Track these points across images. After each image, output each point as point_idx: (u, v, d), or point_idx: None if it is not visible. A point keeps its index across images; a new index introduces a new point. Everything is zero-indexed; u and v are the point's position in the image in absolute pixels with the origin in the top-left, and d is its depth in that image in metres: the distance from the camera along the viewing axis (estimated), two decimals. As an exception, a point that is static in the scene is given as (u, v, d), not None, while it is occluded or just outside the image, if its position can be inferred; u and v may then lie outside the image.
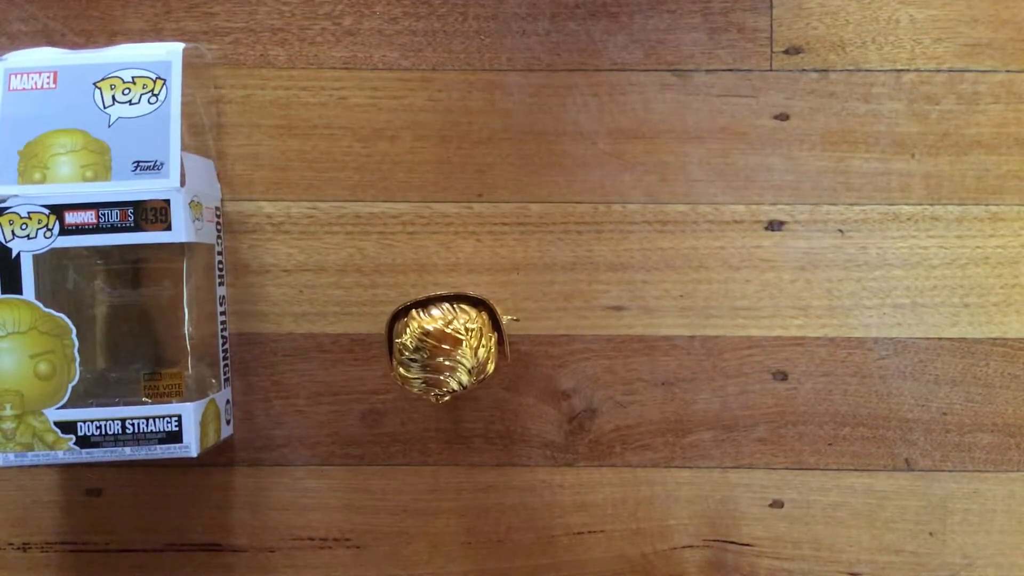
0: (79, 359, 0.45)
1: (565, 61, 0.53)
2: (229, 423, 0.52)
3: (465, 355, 0.47)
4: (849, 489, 0.53)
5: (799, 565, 0.53)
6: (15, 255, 0.45)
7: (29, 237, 0.45)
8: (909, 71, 0.53)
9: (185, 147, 0.48)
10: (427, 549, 0.53)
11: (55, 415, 0.45)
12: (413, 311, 0.48)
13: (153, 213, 0.45)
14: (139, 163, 0.46)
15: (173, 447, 0.46)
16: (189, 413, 0.46)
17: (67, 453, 0.45)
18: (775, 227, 0.53)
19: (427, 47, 0.53)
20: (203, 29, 0.53)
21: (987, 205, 0.53)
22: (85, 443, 0.45)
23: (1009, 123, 0.53)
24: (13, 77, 0.47)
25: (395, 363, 0.48)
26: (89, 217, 0.45)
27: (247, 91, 0.53)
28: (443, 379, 0.47)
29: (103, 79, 0.47)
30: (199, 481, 0.53)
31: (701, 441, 0.53)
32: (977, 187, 0.53)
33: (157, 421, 0.46)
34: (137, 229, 0.45)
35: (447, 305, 0.48)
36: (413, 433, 0.53)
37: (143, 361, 0.48)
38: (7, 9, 0.53)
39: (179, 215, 0.45)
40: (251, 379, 0.53)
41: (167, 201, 0.45)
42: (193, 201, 0.47)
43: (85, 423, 0.45)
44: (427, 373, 0.47)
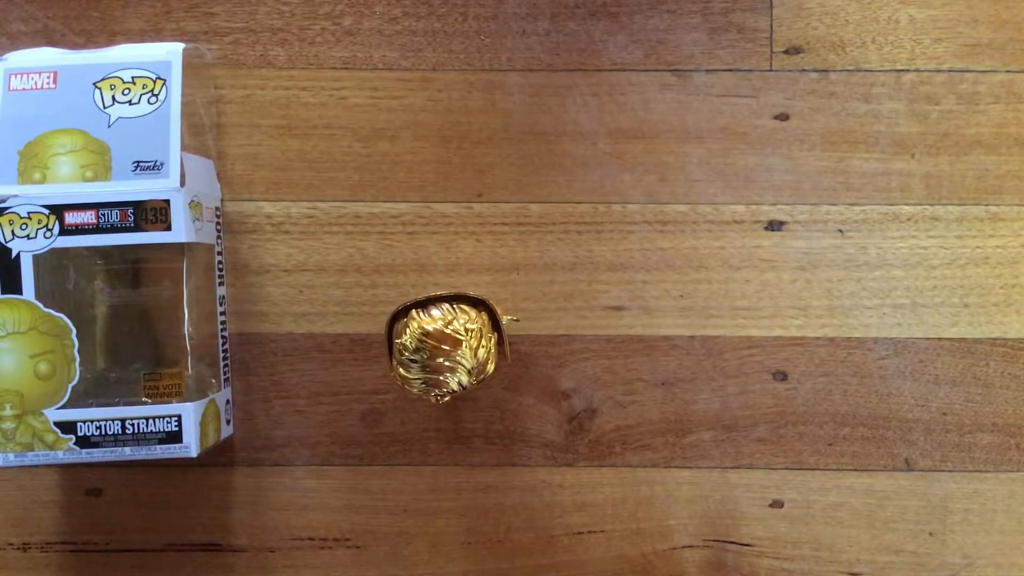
0: (79, 359, 0.45)
1: (565, 61, 0.53)
2: (229, 423, 0.52)
3: (465, 355, 0.47)
4: (849, 489, 0.53)
5: (799, 565, 0.53)
6: (15, 255, 0.45)
7: (29, 237, 0.45)
8: (909, 71, 0.53)
9: (185, 147, 0.48)
10: (427, 549, 0.53)
11: (55, 415, 0.45)
12: (413, 311, 0.48)
13: (153, 213, 0.45)
14: (139, 163, 0.46)
15: (173, 447, 0.46)
16: (189, 413, 0.46)
17: (67, 453, 0.45)
18: (775, 227, 0.53)
19: (427, 47, 0.53)
20: (203, 29, 0.53)
21: (987, 205, 0.53)
22: (85, 443, 0.45)
23: (1009, 123, 0.53)
24: (13, 77, 0.47)
25: (395, 363, 0.48)
26: (89, 217, 0.45)
27: (247, 91, 0.53)
28: (443, 379, 0.47)
29: (103, 79, 0.47)
30: (199, 481, 0.53)
31: (701, 441, 0.53)
32: (977, 187, 0.53)
33: (157, 421, 0.46)
34: (137, 229, 0.45)
35: (447, 305, 0.48)
36: (413, 433, 0.53)
37: (143, 361, 0.48)
38: (7, 9, 0.53)
39: (179, 215, 0.45)
40: (251, 379, 0.53)
41: (167, 201, 0.45)
42: (193, 201, 0.47)
43: (85, 423, 0.45)
44: (427, 373, 0.47)
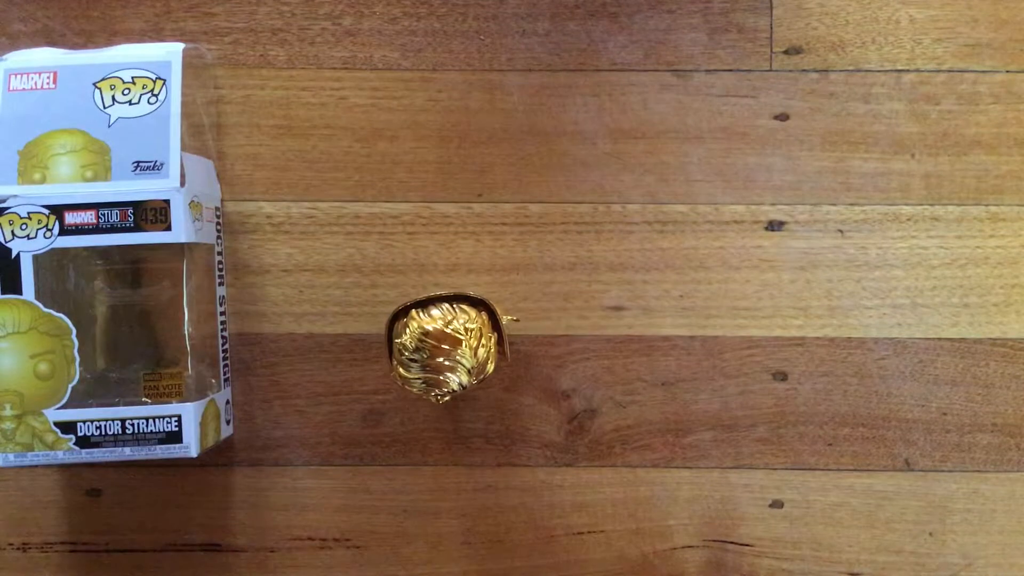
0: (79, 359, 0.45)
1: (565, 61, 0.53)
2: (229, 423, 0.52)
3: (465, 355, 0.47)
4: (849, 489, 0.53)
5: (799, 565, 0.53)
6: (15, 255, 0.45)
7: (29, 237, 0.45)
8: (909, 71, 0.53)
9: (185, 147, 0.48)
10: (427, 549, 0.53)
11: (55, 415, 0.45)
12: (413, 311, 0.48)
13: (153, 213, 0.45)
14: (139, 163, 0.46)
15: (173, 447, 0.46)
16: (189, 413, 0.46)
17: (67, 453, 0.45)
18: (775, 227, 0.53)
19: (427, 47, 0.53)
20: (203, 29, 0.53)
21: (987, 205, 0.53)
22: (85, 443, 0.45)
23: (1009, 123, 0.53)
24: (13, 77, 0.47)
25: (395, 363, 0.48)
26: (89, 217, 0.45)
27: (247, 91, 0.53)
28: (443, 379, 0.47)
29: (103, 79, 0.47)
30: (199, 481, 0.53)
31: (701, 441, 0.53)
32: (977, 187, 0.53)
33: (157, 421, 0.46)
34: (137, 229, 0.45)
35: (447, 305, 0.48)
36: (413, 433, 0.53)
37: (143, 361, 0.48)
38: (7, 9, 0.53)
39: (179, 215, 0.45)
40: (251, 379, 0.53)
41: (167, 201, 0.45)
42: (193, 201, 0.47)
43: (85, 423, 0.45)
44: (427, 373, 0.47)
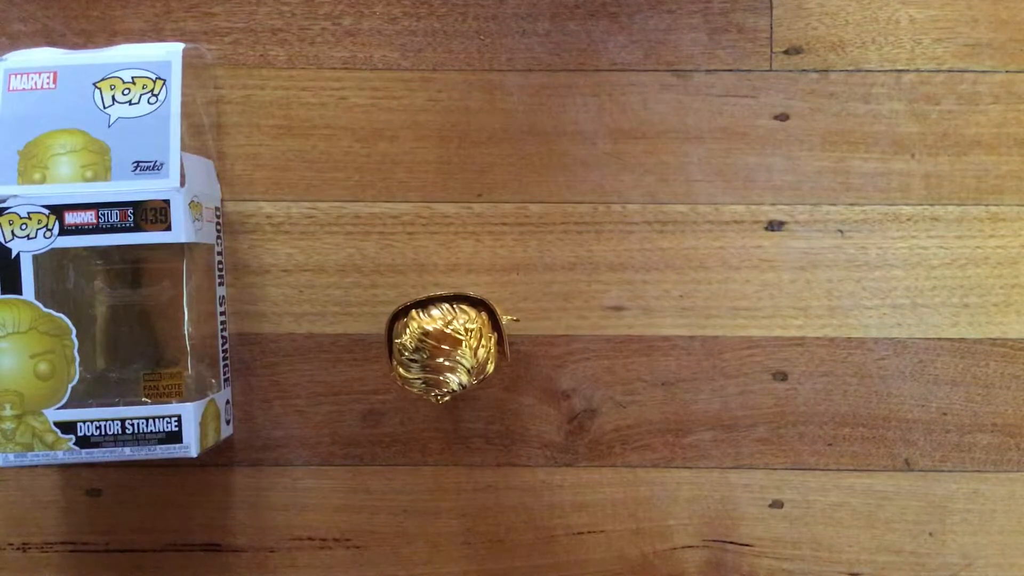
0: (79, 359, 0.45)
1: (565, 61, 0.53)
2: (229, 423, 0.52)
3: (465, 355, 0.47)
4: (849, 489, 0.53)
5: (799, 565, 0.53)
6: (15, 255, 0.45)
7: (29, 237, 0.45)
8: (909, 71, 0.53)
9: (185, 147, 0.48)
10: (427, 549, 0.53)
11: (55, 415, 0.45)
12: (413, 311, 0.48)
13: (153, 213, 0.45)
14: (139, 163, 0.46)
15: (173, 447, 0.46)
16: (189, 413, 0.46)
17: (67, 453, 0.45)
18: (775, 227, 0.53)
19: (427, 47, 0.53)
20: (203, 29, 0.53)
21: (987, 205, 0.53)
22: (85, 443, 0.45)
23: (1009, 123, 0.53)
24: (13, 77, 0.47)
25: (395, 363, 0.48)
26: (89, 217, 0.45)
27: (247, 91, 0.53)
28: (443, 379, 0.47)
29: (103, 79, 0.47)
30: (199, 481, 0.53)
31: (701, 441, 0.53)
32: (977, 187, 0.53)
33: (157, 421, 0.46)
34: (137, 229, 0.45)
35: (447, 305, 0.48)
36: (413, 433, 0.53)
37: (143, 361, 0.48)
38: (7, 9, 0.53)
39: (179, 215, 0.45)
40: (251, 379, 0.53)
41: (167, 201, 0.45)
42: (193, 201, 0.47)
43: (85, 423, 0.45)
44: (427, 373, 0.47)
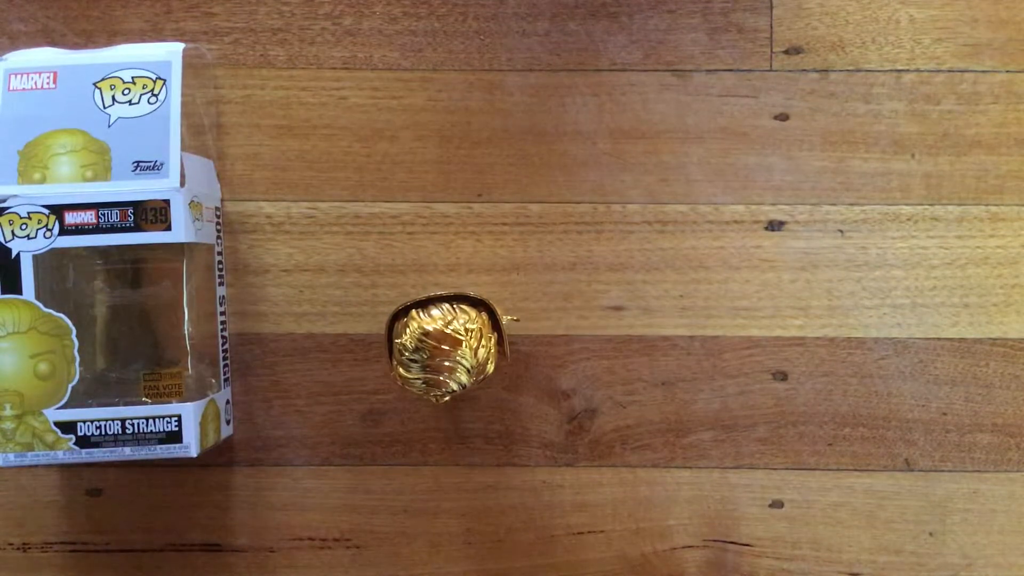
0: (79, 359, 0.45)
1: (565, 61, 0.53)
2: (229, 423, 0.52)
3: (465, 355, 0.47)
4: (849, 489, 0.53)
5: (799, 565, 0.53)
6: (15, 255, 0.45)
7: (29, 237, 0.45)
8: (909, 71, 0.53)
9: (185, 147, 0.48)
10: (427, 549, 0.53)
11: (55, 415, 0.45)
12: (413, 311, 0.48)
13: (153, 213, 0.45)
14: (139, 163, 0.46)
15: (173, 447, 0.46)
16: (189, 413, 0.46)
17: (67, 453, 0.45)
18: (775, 227, 0.53)
19: (427, 47, 0.53)
20: (203, 29, 0.53)
21: (987, 205, 0.53)
22: (85, 443, 0.45)
23: (1009, 123, 0.53)
24: (13, 77, 0.47)
25: (395, 363, 0.48)
26: (89, 217, 0.45)
27: (247, 91, 0.53)
28: (443, 379, 0.47)
29: (103, 79, 0.47)
30: (199, 481, 0.53)
31: (701, 441, 0.53)
32: (977, 187, 0.53)
33: (157, 421, 0.46)
34: (137, 229, 0.45)
35: (447, 305, 0.48)
36: (413, 433, 0.53)
37: (143, 361, 0.48)
38: (7, 9, 0.53)
39: (179, 215, 0.45)
40: (251, 379, 0.53)
41: (167, 201, 0.45)
42: (193, 201, 0.47)
43: (85, 423, 0.45)
44: (427, 373, 0.47)
